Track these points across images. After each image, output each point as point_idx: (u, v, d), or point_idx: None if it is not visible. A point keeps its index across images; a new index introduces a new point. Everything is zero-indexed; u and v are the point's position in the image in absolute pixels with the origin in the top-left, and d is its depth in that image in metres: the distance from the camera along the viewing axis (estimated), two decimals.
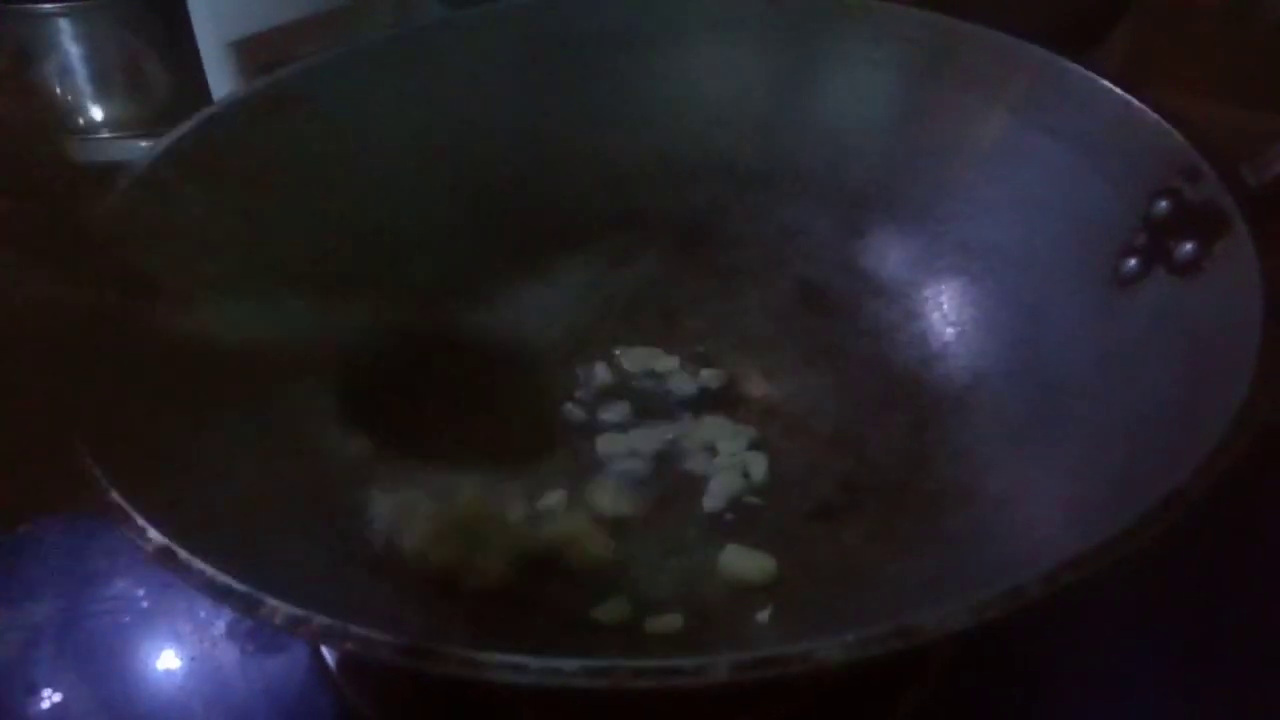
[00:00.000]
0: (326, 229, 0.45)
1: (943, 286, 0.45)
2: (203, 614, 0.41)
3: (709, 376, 0.45)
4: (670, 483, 0.41)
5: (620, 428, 0.43)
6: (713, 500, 0.40)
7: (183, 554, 0.27)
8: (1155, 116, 0.39)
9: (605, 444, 0.43)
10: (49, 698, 0.39)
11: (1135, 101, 0.39)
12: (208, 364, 0.38)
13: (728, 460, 0.42)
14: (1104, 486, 0.32)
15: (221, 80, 0.57)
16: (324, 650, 0.39)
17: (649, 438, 0.43)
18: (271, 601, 0.26)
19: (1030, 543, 0.34)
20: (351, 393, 0.43)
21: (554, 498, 0.41)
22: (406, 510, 0.38)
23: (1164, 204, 0.38)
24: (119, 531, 0.28)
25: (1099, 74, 0.41)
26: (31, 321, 0.33)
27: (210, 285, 0.40)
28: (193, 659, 0.40)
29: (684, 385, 0.45)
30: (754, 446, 0.42)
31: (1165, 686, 0.38)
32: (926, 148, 0.46)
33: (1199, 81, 0.64)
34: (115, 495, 0.29)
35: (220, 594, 0.26)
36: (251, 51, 0.57)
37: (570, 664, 0.24)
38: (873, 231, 0.48)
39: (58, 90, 0.64)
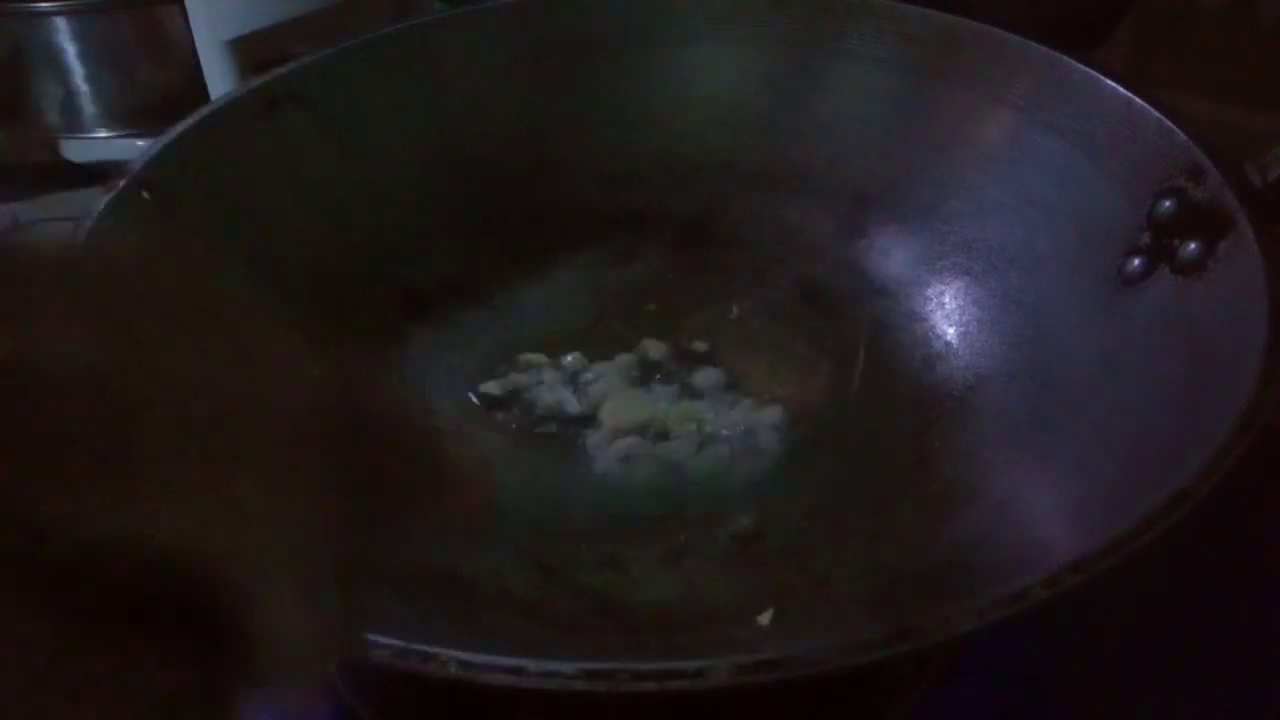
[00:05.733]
0: (324, 229, 0.45)
1: (945, 286, 0.45)
2: None
3: (709, 376, 0.45)
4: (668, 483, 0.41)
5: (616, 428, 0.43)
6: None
7: None
8: (1159, 115, 0.39)
9: (597, 444, 0.43)
10: None
11: (1139, 100, 0.39)
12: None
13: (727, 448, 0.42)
14: (1107, 487, 0.32)
15: (219, 79, 0.57)
16: None
17: (644, 438, 0.43)
18: None
19: (1033, 544, 0.34)
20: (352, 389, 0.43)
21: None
22: None
23: (1168, 203, 0.37)
24: None
25: (1102, 73, 0.41)
26: None
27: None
28: None
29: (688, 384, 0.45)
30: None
31: (1167, 688, 0.38)
32: (929, 146, 0.46)
33: (1200, 81, 0.64)
34: None
35: None
36: (249, 50, 0.56)
37: (570, 666, 0.24)
38: (874, 231, 0.47)
39: (55, 89, 0.64)
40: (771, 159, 0.49)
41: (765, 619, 0.36)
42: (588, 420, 0.44)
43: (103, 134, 0.65)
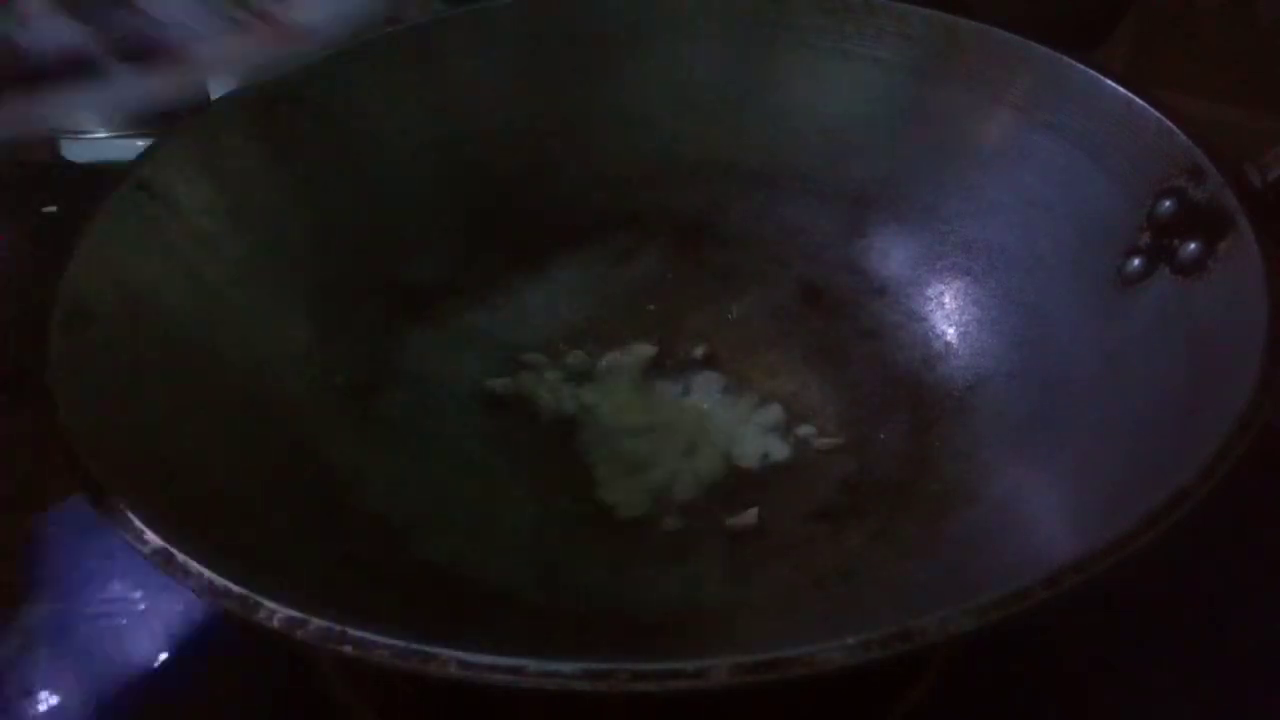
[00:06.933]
0: (324, 229, 0.45)
1: (945, 286, 0.45)
2: (200, 616, 0.41)
3: (709, 377, 0.45)
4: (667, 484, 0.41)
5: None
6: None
7: (180, 556, 0.27)
8: (1159, 115, 0.39)
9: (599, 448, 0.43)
10: (46, 700, 0.38)
11: (1139, 100, 0.39)
12: (208, 365, 0.38)
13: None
14: (1107, 487, 0.32)
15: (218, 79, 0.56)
16: None
17: (645, 437, 0.43)
18: (269, 604, 0.26)
19: (1033, 544, 0.34)
20: (352, 390, 0.43)
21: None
22: None
23: (1168, 203, 0.38)
24: (116, 534, 0.28)
25: (1102, 73, 0.41)
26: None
27: (207, 287, 0.40)
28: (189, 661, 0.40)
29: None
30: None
31: (1167, 688, 0.38)
32: (929, 146, 0.46)
33: (1200, 81, 0.64)
34: (112, 496, 0.28)
35: (217, 596, 0.26)
36: None
37: (570, 666, 0.24)
38: (874, 231, 0.47)
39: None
40: (772, 159, 0.49)
41: (766, 618, 0.36)
42: (588, 420, 0.44)
43: (103, 134, 0.65)
